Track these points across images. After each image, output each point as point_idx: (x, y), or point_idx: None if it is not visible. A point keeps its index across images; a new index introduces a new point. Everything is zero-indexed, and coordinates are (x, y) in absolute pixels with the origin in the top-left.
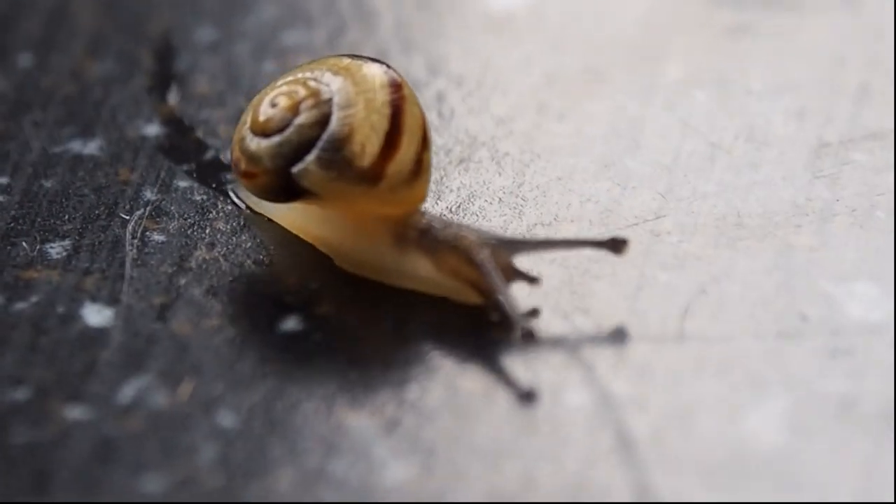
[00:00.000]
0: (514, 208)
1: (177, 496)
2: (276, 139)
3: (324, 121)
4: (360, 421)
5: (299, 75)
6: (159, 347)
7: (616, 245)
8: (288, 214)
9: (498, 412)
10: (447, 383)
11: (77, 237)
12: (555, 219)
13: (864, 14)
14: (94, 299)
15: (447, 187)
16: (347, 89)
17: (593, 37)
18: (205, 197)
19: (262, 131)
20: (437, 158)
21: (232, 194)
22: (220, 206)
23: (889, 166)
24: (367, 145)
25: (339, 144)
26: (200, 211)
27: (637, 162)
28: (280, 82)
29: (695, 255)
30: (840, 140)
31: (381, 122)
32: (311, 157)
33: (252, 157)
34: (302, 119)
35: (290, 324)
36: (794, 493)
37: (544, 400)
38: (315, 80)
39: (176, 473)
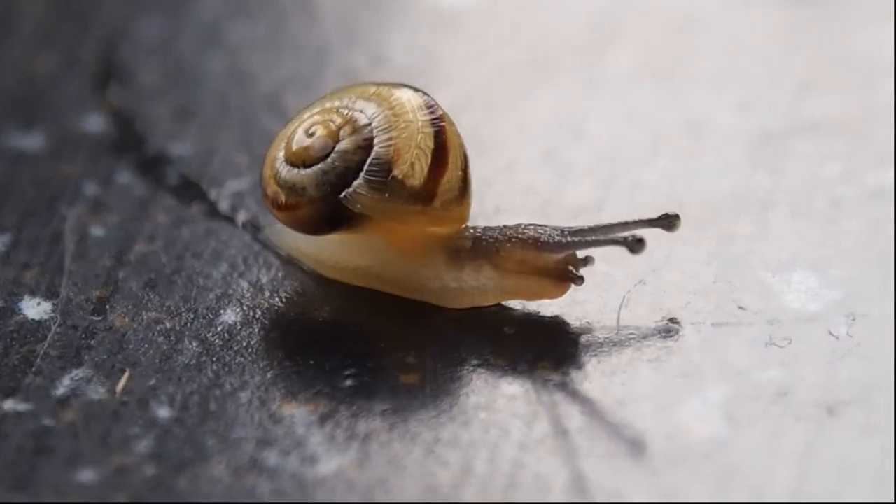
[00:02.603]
0: None
1: (111, 487)
2: (319, 167)
3: (366, 145)
4: (295, 411)
5: (328, 104)
6: (96, 340)
7: (668, 221)
8: (325, 248)
9: (434, 401)
10: (384, 373)
11: (17, 231)
12: (497, 210)
13: (808, 6)
14: (32, 293)
15: None
16: (385, 114)
17: (540, 29)
18: (145, 191)
19: (303, 161)
20: None
21: (262, 239)
22: (159, 201)
23: (829, 157)
24: (417, 164)
25: (388, 166)
26: (140, 205)
27: (580, 153)
28: (307, 114)
29: None
30: (781, 131)
31: (427, 142)
32: (359, 181)
33: (294, 188)
34: (344, 145)
35: (229, 315)
36: (730, 482)
37: (480, 389)
38: (347, 108)
39: (111, 464)
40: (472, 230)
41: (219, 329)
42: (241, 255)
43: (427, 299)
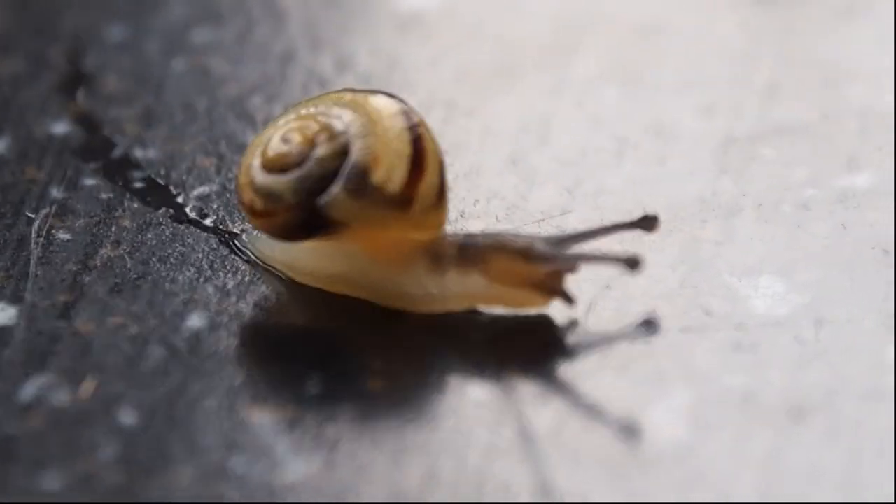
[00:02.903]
0: None
1: (76, 494)
2: (295, 173)
3: (343, 151)
4: (262, 417)
5: (303, 111)
6: (62, 345)
7: (648, 223)
8: (300, 256)
9: (400, 407)
10: (350, 379)
11: None
12: (461, 215)
13: (771, 10)
14: None
15: None
16: (361, 120)
17: (504, 34)
18: (111, 195)
19: (279, 167)
20: None
21: (239, 245)
22: (126, 205)
23: (795, 161)
24: (394, 171)
25: (365, 172)
26: (106, 209)
27: (544, 157)
28: (282, 121)
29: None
30: (747, 135)
31: (405, 148)
32: (336, 187)
33: (270, 195)
34: (321, 151)
35: (195, 321)
36: (695, 486)
37: (447, 395)
38: (323, 114)
39: (76, 471)
40: (454, 237)
41: (185, 335)
42: (207, 260)
43: (407, 307)
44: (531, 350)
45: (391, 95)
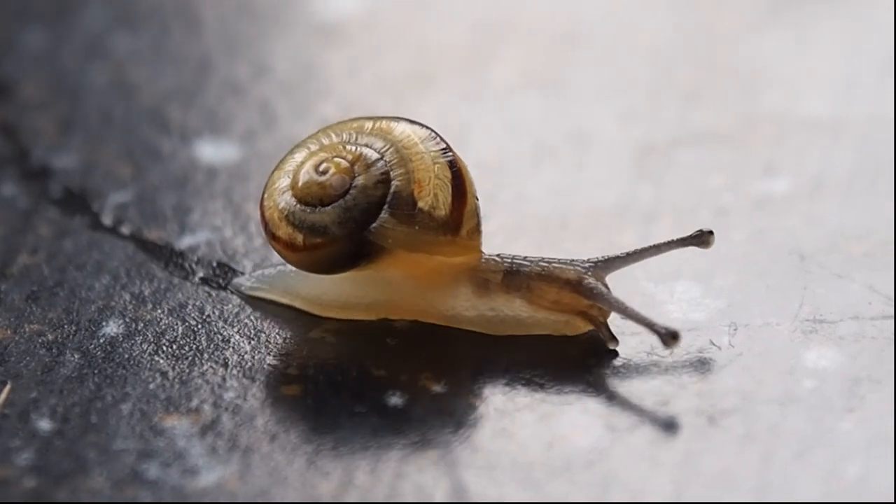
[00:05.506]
0: None
1: None
2: (339, 204)
3: (384, 179)
4: (176, 422)
5: (325, 142)
6: None
7: (702, 238)
8: (331, 290)
9: (315, 412)
10: (265, 385)
11: None
12: None
13: (690, 18)
14: None
15: None
16: (395, 147)
17: (423, 41)
18: (28, 203)
19: (320, 199)
20: (260, 163)
21: (235, 293)
22: (42, 213)
23: (713, 167)
24: (440, 195)
25: (412, 199)
26: (23, 217)
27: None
28: (302, 154)
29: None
30: (666, 141)
31: (444, 172)
32: (384, 215)
33: (314, 228)
34: (362, 181)
35: (111, 327)
36: (609, 490)
37: (362, 400)
38: (352, 144)
39: None
40: (498, 260)
41: (101, 341)
42: (123, 268)
43: (462, 326)
44: (445, 355)
45: (412, 121)
